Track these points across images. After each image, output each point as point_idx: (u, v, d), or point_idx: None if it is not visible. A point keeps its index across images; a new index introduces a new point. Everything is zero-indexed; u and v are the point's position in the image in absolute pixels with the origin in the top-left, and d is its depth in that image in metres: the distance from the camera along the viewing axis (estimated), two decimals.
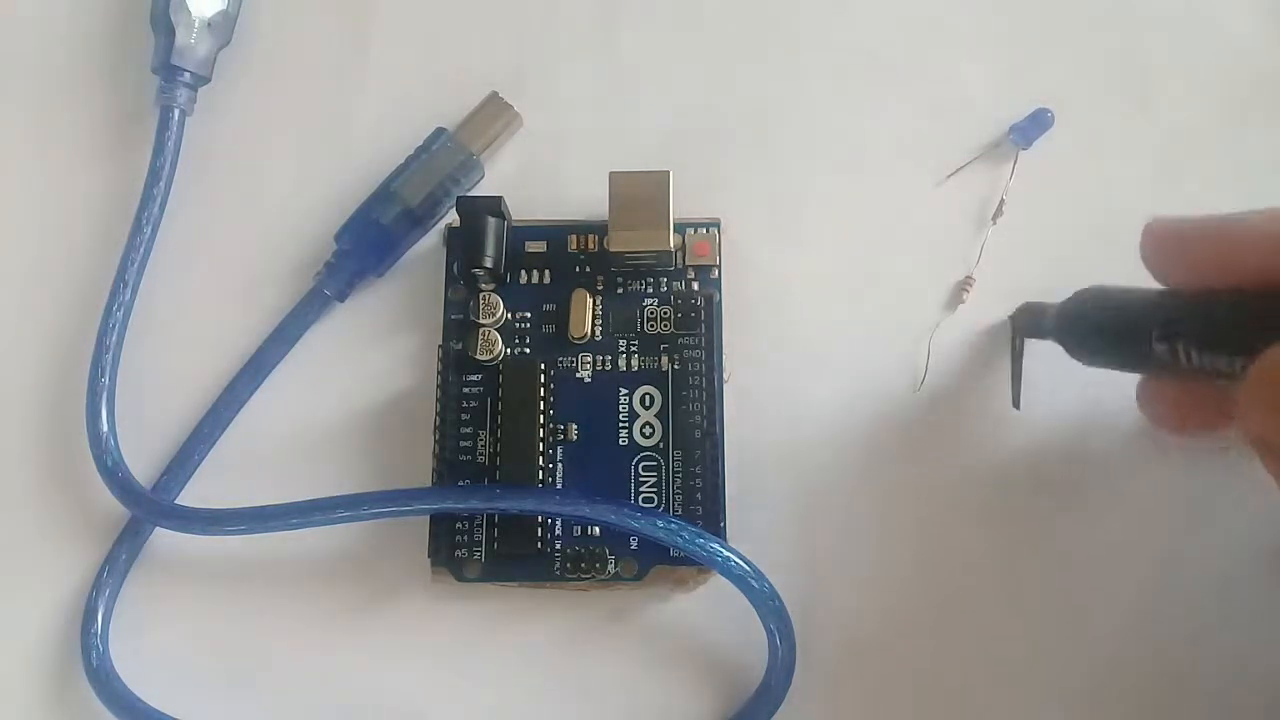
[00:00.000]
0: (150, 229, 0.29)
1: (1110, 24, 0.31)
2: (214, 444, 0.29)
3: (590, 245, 0.29)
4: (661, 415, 0.28)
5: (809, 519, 0.28)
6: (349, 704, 0.27)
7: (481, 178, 0.30)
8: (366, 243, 0.29)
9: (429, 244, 0.30)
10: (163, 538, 0.28)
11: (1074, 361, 0.26)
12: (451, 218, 0.29)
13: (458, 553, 0.27)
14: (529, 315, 0.29)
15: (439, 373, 0.28)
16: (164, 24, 0.30)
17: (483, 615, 0.28)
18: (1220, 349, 0.21)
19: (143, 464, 0.29)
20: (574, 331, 0.28)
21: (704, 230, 0.29)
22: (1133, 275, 0.29)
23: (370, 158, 0.30)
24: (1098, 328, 0.24)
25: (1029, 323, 0.28)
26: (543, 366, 0.28)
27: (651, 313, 0.28)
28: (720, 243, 0.29)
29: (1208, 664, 0.27)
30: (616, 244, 0.28)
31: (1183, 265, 0.23)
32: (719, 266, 0.29)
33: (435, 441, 0.28)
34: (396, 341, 0.30)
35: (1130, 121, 0.31)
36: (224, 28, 0.31)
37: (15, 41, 0.32)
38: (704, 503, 0.27)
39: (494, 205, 0.29)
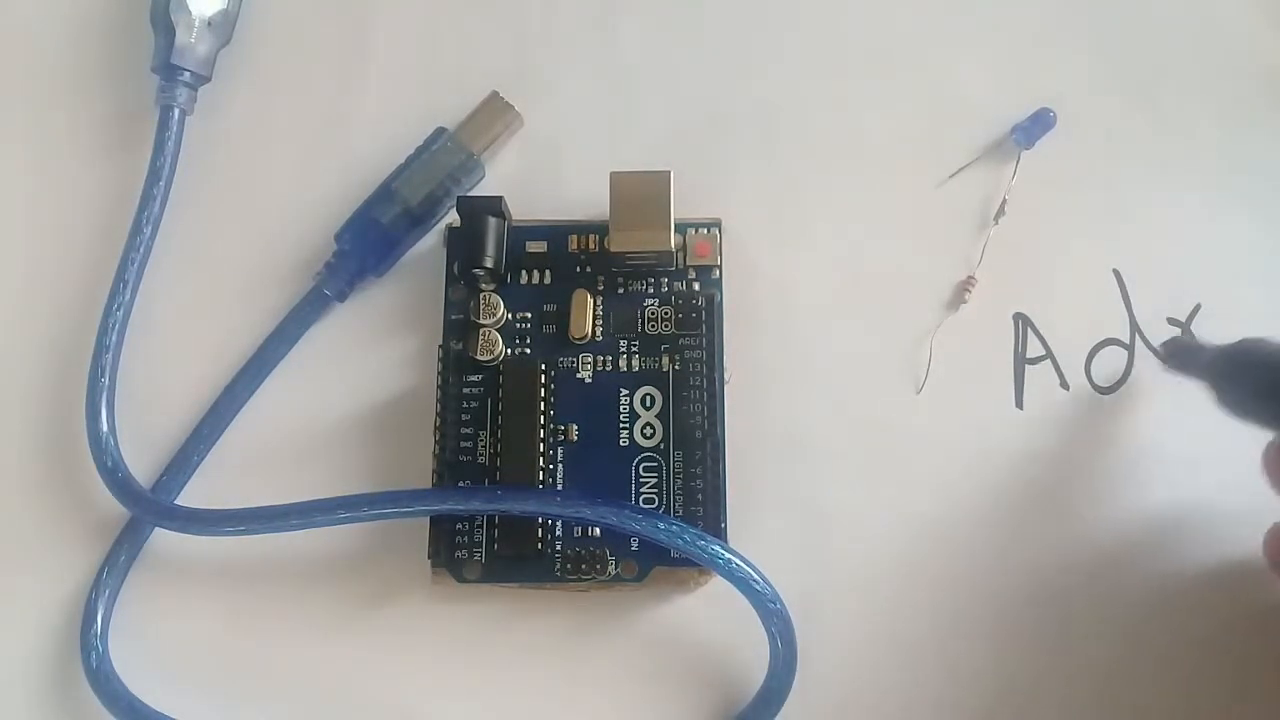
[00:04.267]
0: (150, 229, 0.29)
1: (1111, 24, 0.31)
2: (214, 444, 0.29)
3: (591, 245, 0.29)
4: (662, 416, 0.28)
5: (810, 520, 0.28)
6: (349, 704, 0.27)
7: (482, 178, 0.30)
8: (366, 243, 0.29)
9: (429, 244, 0.30)
10: (163, 538, 0.28)
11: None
12: (452, 218, 0.29)
13: (458, 554, 0.27)
14: (529, 315, 0.29)
15: (439, 373, 0.28)
16: (164, 23, 0.30)
17: (482, 616, 0.28)
18: None
19: (143, 464, 0.29)
20: (574, 332, 0.28)
21: (705, 230, 0.29)
22: (1132, 274, 0.29)
23: (370, 158, 0.30)
24: (1266, 383, 0.24)
25: (1179, 357, 0.27)
26: (543, 367, 0.28)
27: (652, 313, 0.28)
28: (721, 243, 0.29)
29: (1213, 661, 0.27)
30: (617, 244, 0.28)
31: None
32: (720, 267, 0.29)
33: (435, 442, 0.28)
34: (396, 341, 0.29)
35: (1132, 121, 0.31)
36: (224, 27, 0.31)
37: (15, 41, 0.32)
38: (705, 504, 0.27)
39: (494, 205, 0.28)
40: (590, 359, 0.28)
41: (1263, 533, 0.26)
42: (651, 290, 0.29)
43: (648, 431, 0.28)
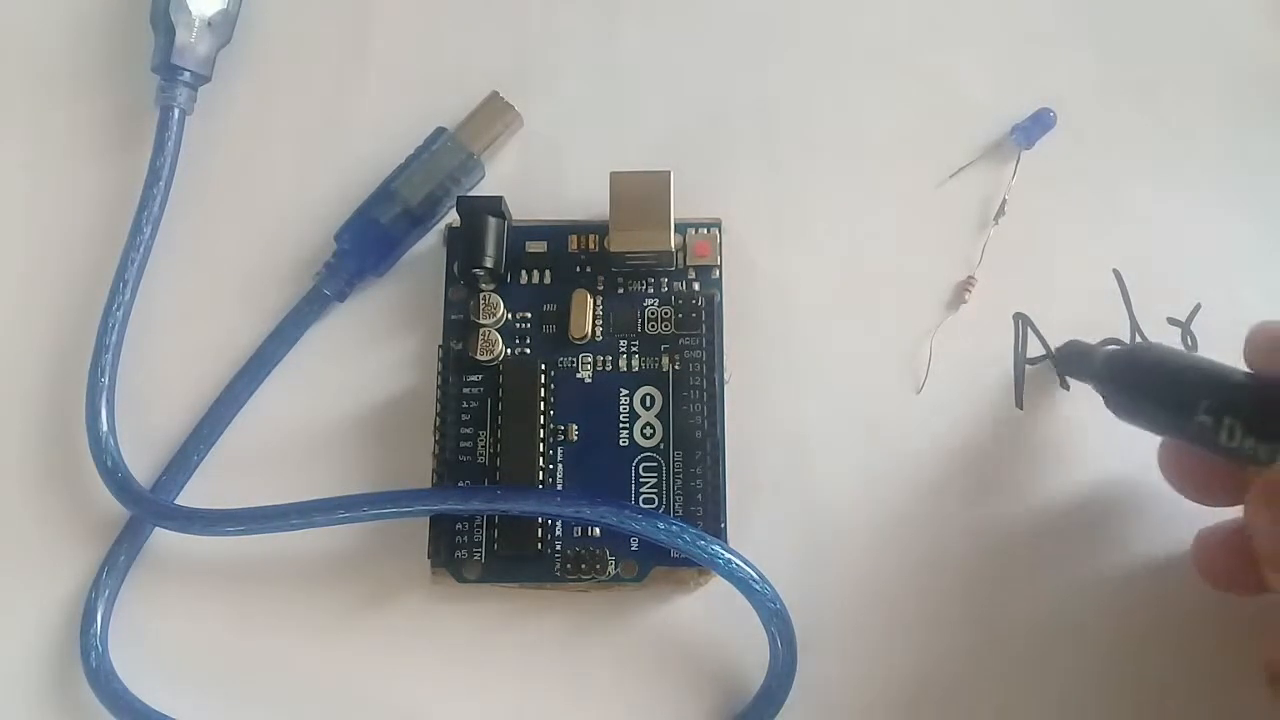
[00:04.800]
0: (150, 229, 0.29)
1: (1112, 24, 0.31)
2: (214, 444, 0.29)
3: (591, 245, 0.29)
4: (662, 416, 0.28)
5: (810, 520, 0.28)
6: (349, 704, 0.27)
7: (482, 178, 0.30)
8: (366, 243, 0.29)
9: (429, 244, 0.30)
10: (162, 538, 0.28)
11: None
12: (452, 218, 0.29)
13: (458, 554, 0.27)
14: (529, 315, 0.29)
15: (439, 373, 0.28)
16: (164, 23, 0.30)
17: (482, 616, 0.28)
18: (1266, 437, 0.22)
19: (143, 464, 0.29)
20: (574, 332, 0.28)
21: (705, 230, 0.29)
22: (1132, 274, 0.29)
23: (370, 158, 0.30)
24: (1145, 388, 0.24)
25: (1072, 361, 0.28)
26: (543, 367, 0.28)
27: (652, 313, 0.28)
28: (721, 243, 0.29)
29: (1209, 663, 0.27)
30: (617, 244, 0.28)
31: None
32: (720, 267, 0.29)
33: (435, 442, 0.28)
34: (396, 341, 0.29)
35: (1132, 121, 0.31)
36: (224, 27, 0.31)
37: (15, 40, 0.32)
38: (705, 504, 0.27)
39: (494, 205, 0.29)
40: (590, 359, 0.28)
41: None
42: (651, 290, 0.29)
43: (648, 431, 0.28)
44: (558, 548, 0.27)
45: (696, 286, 0.29)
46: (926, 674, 0.27)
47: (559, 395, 0.28)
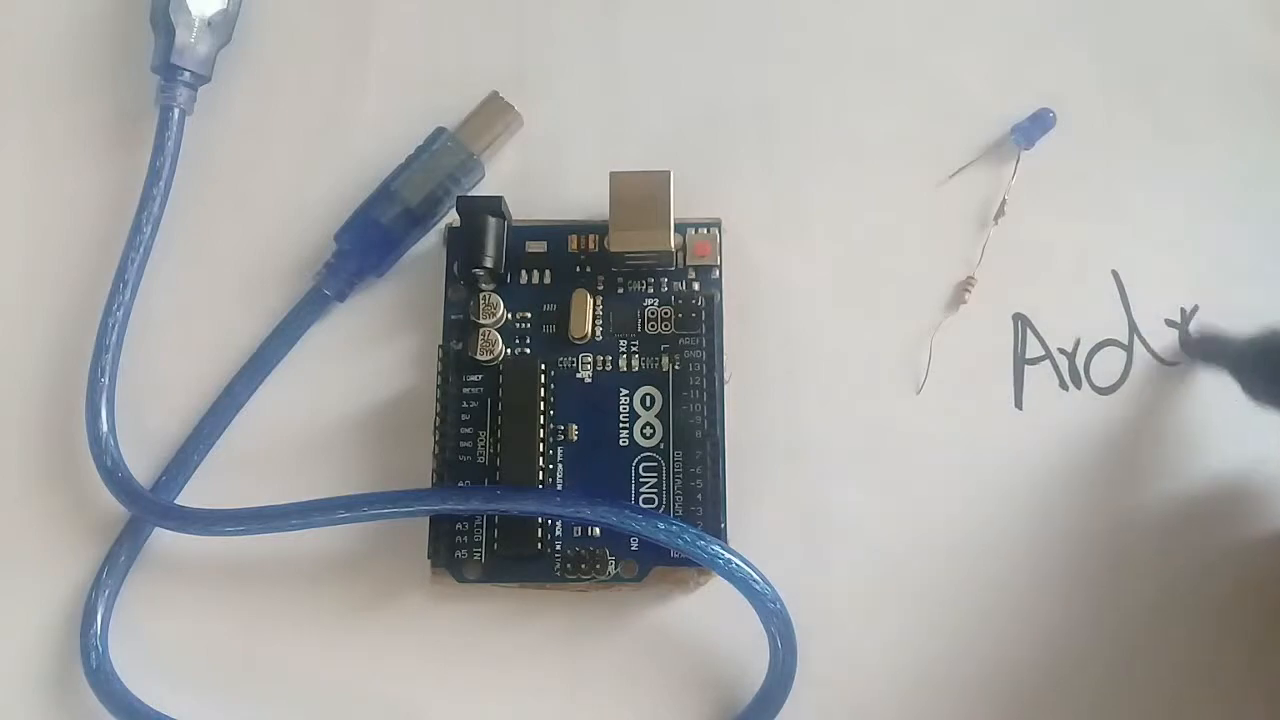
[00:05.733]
0: (150, 229, 0.29)
1: (1111, 23, 0.31)
2: (214, 444, 0.29)
3: (591, 245, 0.29)
4: (662, 416, 0.28)
5: (810, 520, 0.28)
6: (349, 704, 0.27)
7: (482, 178, 0.30)
8: (366, 243, 0.29)
9: (429, 244, 0.30)
10: (162, 538, 0.28)
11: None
12: (451, 218, 0.29)
13: (458, 553, 0.27)
14: (529, 315, 0.29)
15: (439, 373, 0.28)
16: (164, 23, 0.30)
17: (483, 616, 0.28)
18: None
19: (143, 464, 0.28)
20: (574, 332, 0.28)
21: (705, 230, 0.29)
22: (1132, 274, 0.30)
23: (370, 158, 0.30)
24: None
25: (1202, 349, 0.27)
26: (543, 367, 0.28)
27: (652, 313, 0.28)
28: (721, 243, 0.29)
29: (1218, 662, 0.27)
30: (617, 244, 0.28)
31: None
32: (720, 266, 0.29)
33: (435, 442, 0.28)
34: (396, 341, 0.29)
35: (1132, 122, 0.31)
36: (224, 27, 0.30)
37: (15, 40, 0.32)
38: (705, 504, 0.27)
39: (494, 205, 0.28)
40: (590, 359, 0.28)
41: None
42: (651, 290, 0.29)
43: (648, 431, 0.28)
44: (558, 548, 0.27)
45: (696, 286, 0.29)
46: (927, 674, 0.27)
47: (559, 395, 0.28)
